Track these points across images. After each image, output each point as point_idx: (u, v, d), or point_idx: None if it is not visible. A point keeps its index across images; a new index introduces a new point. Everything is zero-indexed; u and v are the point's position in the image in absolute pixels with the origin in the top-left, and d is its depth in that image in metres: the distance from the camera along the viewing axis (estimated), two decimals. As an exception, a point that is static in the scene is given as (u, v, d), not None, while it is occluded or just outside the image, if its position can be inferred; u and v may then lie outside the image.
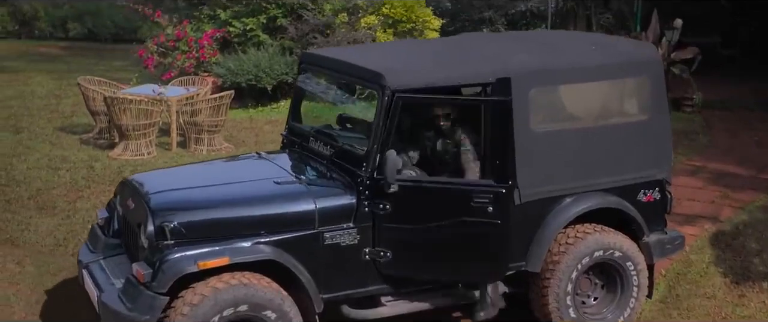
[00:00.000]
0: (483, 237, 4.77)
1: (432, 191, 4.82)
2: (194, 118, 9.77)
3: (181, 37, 12.51)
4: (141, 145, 9.49)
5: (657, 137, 5.33)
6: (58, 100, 12.82)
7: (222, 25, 12.67)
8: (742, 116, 12.04)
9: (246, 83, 11.78)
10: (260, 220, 4.64)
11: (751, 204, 8.11)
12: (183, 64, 12.33)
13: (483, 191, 4.73)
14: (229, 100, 9.96)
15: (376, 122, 4.71)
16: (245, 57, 12.01)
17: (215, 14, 12.80)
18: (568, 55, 5.20)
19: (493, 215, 4.71)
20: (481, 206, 4.70)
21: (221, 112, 9.88)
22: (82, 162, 9.16)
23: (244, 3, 12.53)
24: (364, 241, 4.78)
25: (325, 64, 5.45)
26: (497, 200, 4.72)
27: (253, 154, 5.64)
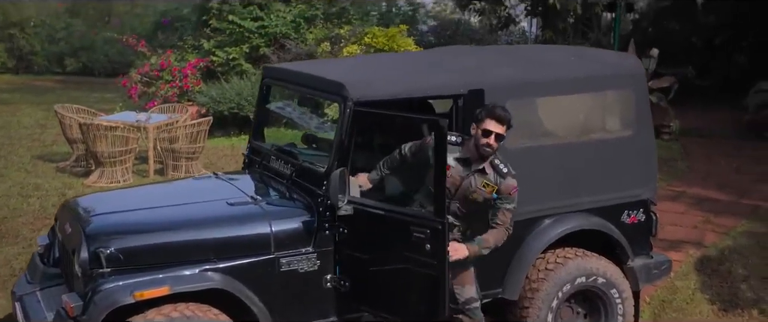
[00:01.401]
0: (422, 278, 3.87)
1: (375, 216, 4.00)
2: (172, 145, 9.12)
3: (165, 66, 11.90)
4: (117, 172, 8.82)
5: (641, 155, 4.69)
6: (42, 129, 12.16)
7: (205, 55, 12.09)
8: (719, 144, 11.49)
9: (228, 111, 11.19)
10: (209, 244, 3.95)
11: (734, 229, 7.51)
12: (166, 93, 11.71)
13: (421, 223, 3.83)
14: (208, 127, 9.31)
15: (337, 136, 4.06)
16: (228, 86, 11.43)
17: (199, 44, 12.21)
18: (546, 66, 4.58)
19: (429, 253, 3.79)
20: (419, 240, 3.81)
21: (199, 139, 9.23)
22: (55, 190, 8.46)
23: (228, 33, 11.94)
24: (325, 267, 4.09)
25: (288, 77, 4.80)
26: (435, 236, 3.77)
27: (210, 175, 4.95)
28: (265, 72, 5.05)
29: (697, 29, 16.79)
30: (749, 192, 8.85)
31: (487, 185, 4.01)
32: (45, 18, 21.15)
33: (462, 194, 4.01)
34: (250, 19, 11.82)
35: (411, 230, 3.80)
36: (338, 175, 3.87)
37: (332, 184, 3.88)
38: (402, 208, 4.01)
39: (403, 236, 3.83)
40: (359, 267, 4.04)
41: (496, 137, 3.92)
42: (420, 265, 3.79)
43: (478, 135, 3.94)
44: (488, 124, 3.91)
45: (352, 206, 3.95)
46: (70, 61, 20.42)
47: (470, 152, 4.01)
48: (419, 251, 3.79)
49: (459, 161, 4.01)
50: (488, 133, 3.91)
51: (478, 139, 3.95)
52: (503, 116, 3.90)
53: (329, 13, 12.15)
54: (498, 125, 3.90)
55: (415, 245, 3.80)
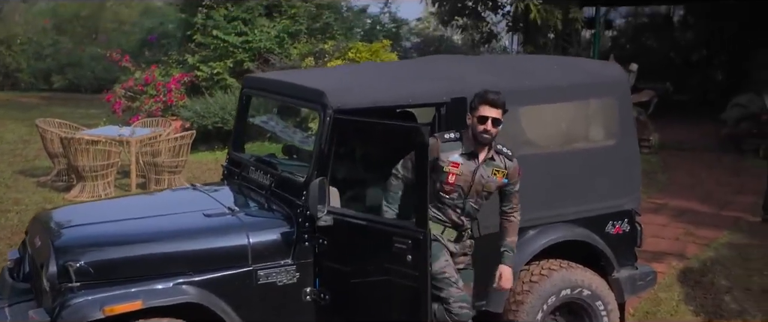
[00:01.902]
0: (403, 290, 3.67)
1: (356, 227, 3.80)
2: (155, 158, 8.88)
3: (149, 81, 11.67)
4: (99, 186, 8.58)
5: (625, 164, 4.54)
6: (25, 145, 11.89)
7: (190, 70, 11.88)
8: (697, 156, 11.41)
9: (212, 126, 10.99)
10: (184, 257, 3.74)
11: (715, 241, 7.38)
12: (151, 107, 11.48)
13: (402, 234, 3.63)
14: (191, 141, 9.09)
15: (317, 145, 3.87)
16: (212, 100, 11.23)
17: (183, 59, 12.01)
18: (529, 75, 4.42)
19: (411, 264, 3.59)
20: (401, 251, 3.61)
21: (182, 153, 9.01)
22: (34, 204, 8.19)
23: (212, 48, 11.75)
24: (304, 279, 3.88)
25: (268, 86, 4.62)
26: (416, 247, 3.57)
27: (188, 187, 4.75)
28: (245, 82, 4.86)
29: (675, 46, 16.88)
30: (730, 204, 8.76)
31: (497, 171, 3.88)
32: (32, 35, 20.87)
33: (476, 188, 3.87)
34: (235, 34, 11.65)
35: (392, 240, 3.61)
36: (318, 184, 3.69)
37: (312, 194, 3.69)
38: (382, 218, 3.82)
39: (384, 247, 3.64)
40: (339, 280, 3.84)
41: (492, 122, 3.77)
42: (401, 276, 3.60)
43: (475, 123, 3.80)
44: (483, 110, 3.76)
45: (331, 217, 3.76)
46: (57, 78, 20.14)
47: (472, 144, 3.85)
48: (400, 262, 3.60)
49: (464, 155, 3.85)
50: (484, 119, 3.76)
51: (475, 128, 3.80)
52: (496, 100, 3.76)
53: (313, 28, 12.00)
54: (492, 109, 3.75)
55: (397, 257, 3.61)
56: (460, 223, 3.91)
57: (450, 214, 3.89)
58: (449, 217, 3.89)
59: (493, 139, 3.83)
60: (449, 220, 3.90)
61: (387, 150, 3.98)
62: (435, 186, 3.84)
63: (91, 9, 22.24)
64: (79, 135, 8.82)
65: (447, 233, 3.91)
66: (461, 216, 3.90)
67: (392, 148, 3.95)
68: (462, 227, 3.93)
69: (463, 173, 3.83)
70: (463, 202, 3.86)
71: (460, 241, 3.96)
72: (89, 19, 22.27)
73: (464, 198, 3.86)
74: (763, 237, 7.46)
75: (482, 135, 3.79)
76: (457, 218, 3.90)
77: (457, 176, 3.82)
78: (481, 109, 3.77)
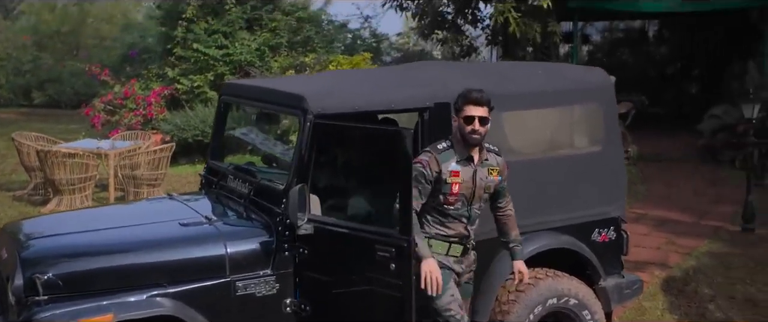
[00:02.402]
0: (386, 300, 3.47)
1: (337, 235, 3.61)
2: (134, 171, 8.64)
3: (129, 95, 11.43)
4: (76, 200, 8.31)
5: (610, 171, 4.40)
6: (1, 159, 11.60)
7: (170, 83, 11.65)
8: (675, 167, 11.35)
9: (193, 139, 10.76)
10: (158, 268, 3.53)
11: (696, 250, 7.28)
12: (130, 121, 11.23)
13: (386, 241, 3.43)
14: (170, 153, 8.86)
15: (297, 151, 3.69)
16: (192, 113, 11.00)
17: (163, 73, 11.78)
18: (513, 80, 4.27)
19: (395, 273, 3.40)
20: (384, 260, 3.42)
21: (161, 166, 8.77)
22: (9, 219, 7.84)
23: (192, 61, 11.54)
24: (284, 291, 3.69)
25: (246, 93, 4.44)
26: (400, 255, 3.38)
27: (164, 196, 4.54)
28: (223, 89, 4.67)
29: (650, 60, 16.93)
30: (709, 213, 8.68)
31: (492, 170, 3.72)
32: (12, 51, 20.51)
33: (478, 193, 3.69)
34: (215, 47, 11.45)
35: (375, 249, 3.43)
36: (297, 191, 3.50)
37: (291, 201, 3.51)
38: (365, 226, 3.64)
39: (367, 255, 3.46)
40: (321, 290, 3.65)
41: (480, 121, 3.57)
42: (384, 286, 3.42)
43: (462, 125, 3.59)
44: (468, 110, 3.57)
45: (312, 225, 3.58)
46: (37, 95, 19.80)
47: (464, 149, 3.64)
48: (384, 271, 3.42)
49: (461, 162, 3.64)
50: (471, 119, 3.56)
51: (463, 130, 3.59)
52: (481, 97, 3.57)
53: (294, 41, 11.84)
54: (478, 108, 3.56)
55: (380, 265, 3.42)
56: (467, 233, 3.72)
57: (456, 226, 3.69)
58: (456, 230, 3.69)
59: (483, 138, 3.64)
60: (455, 233, 3.70)
61: (369, 156, 3.81)
62: (437, 200, 3.63)
63: (72, 25, 21.96)
64: (56, 148, 8.56)
65: (453, 250, 3.71)
66: (468, 225, 3.71)
67: (374, 153, 3.77)
68: (468, 238, 3.73)
69: (464, 179, 3.64)
70: (468, 209, 3.69)
71: (466, 255, 3.76)
72: (70, 36, 21.98)
73: (469, 205, 3.69)
74: (743, 246, 7.38)
75: (471, 136, 3.59)
76: (464, 229, 3.70)
77: (460, 184, 3.62)
78: (466, 109, 3.58)
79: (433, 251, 3.61)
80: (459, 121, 3.62)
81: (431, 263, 3.47)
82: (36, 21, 22.00)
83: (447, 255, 3.69)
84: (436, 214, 3.66)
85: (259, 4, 11.80)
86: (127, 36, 18.43)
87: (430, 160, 3.59)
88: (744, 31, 13.61)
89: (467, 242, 3.74)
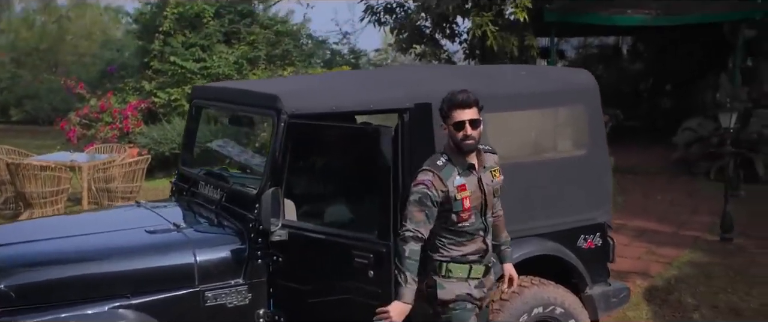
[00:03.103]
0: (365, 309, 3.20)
1: (313, 241, 3.36)
2: (108, 184, 8.31)
3: (105, 108, 11.08)
4: (48, 213, 7.93)
5: (596, 175, 4.19)
6: (-27, 174, 11.09)
7: (147, 96, 11.32)
8: (652, 179, 11.22)
9: (170, 152, 10.42)
10: (122, 278, 3.25)
11: (677, 260, 7.10)
12: (106, 135, 10.87)
13: (364, 247, 3.21)
14: (145, 166, 8.55)
15: (271, 153, 3.43)
16: (170, 126, 10.67)
17: (140, 86, 11.45)
18: (496, 81, 4.05)
19: (373, 280, 3.18)
20: (362, 267, 3.19)
21: (136, 178, 8.45)
22: (-23, 232, 7.51)
23: (170, 74, 11.23)
24: (257, 301, 3.42)
25: (218, 95, 4.18)
26: (379, 262, 3.19)
27: (131, 204, 4.25)
28: (194, 92, 4.42)
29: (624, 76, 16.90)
30: (687, 223, 8.52)
31: (495, 171, 3.38)
32: (-12, 68, 20.08)
33: (490, 200, 3.33)
34: (193, 60, 11.16)
35: (353, 255, 3.17)
36: (271, 195, 3.24)
37: (264, 205, 3.24)
38: (342, 231, 3.37)
39: (344, 262, 3.20)
40: (296, 300, 3.38)
41: (471, 124, 3.16)
42: (363, 294, 3.15)
43: (452, 133, 3.19)
44: (456, 115, 3.17)
45: (286, 231, 3.31)
46: (15, 111, 19.31)
47: (463, 158, 3.24)
48: (362, 278, 3.15)
49: (463, 174, 3.23)
50: (461, 124, 3.16)
51: (455, 138, 3.19)
52: (467, 99, 3.17)
53: (272, 55, 11.58)
54: (466, 111, 3.16)
55: (358, 272, 3.16)
56: (486, 247, 3.34)
57: (475, 242, 3.30)
58: (475, 246, 3.30)
59: (478, 142, 3.24)
60: (475, 250, 3.30)
61: (347, 157, 3.55)
62: (450, 220, 3.23)
63: (51, 42, 21.53)
64: (28, 161, 8.20)
65: (474, 272, 3.29)
66: (486, 238, 3.34)
67: (352, 154, 3.52)
68: (487, 252, 3.35)
69: (473, 191, 3.25)
70: (483, 221, 3.31)
71: (488, 275, 3.38)
72: (48, 53, 21.54)
73: (483, 216, 3.31)
74: (723, 255, 7.21)
75: (465, 143, 3.18)
76: (483, 242, 3.33)
77: (470, 197, 3.23)
78: (454, 114, 3.18)
79: (452, 276, 3.22)
80: (448, 129, 3.22)
81: (397, 307, 3.01)
82: (14, 38, 21.54)
83: (468, 280, 3.28)
84: (451, 235, 3.26)
85: (238, 17, 11.55)
86: (107, 52, 18.06)
87: (434, 179, 3.16)
88: (715, 45, 13.61)
89: (488, 259, 3.37)
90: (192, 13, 11.21)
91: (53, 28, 22.02)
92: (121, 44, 17.18)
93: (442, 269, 3.24)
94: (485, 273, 3.36)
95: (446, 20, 11.90)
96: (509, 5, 11.07)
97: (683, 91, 14.70)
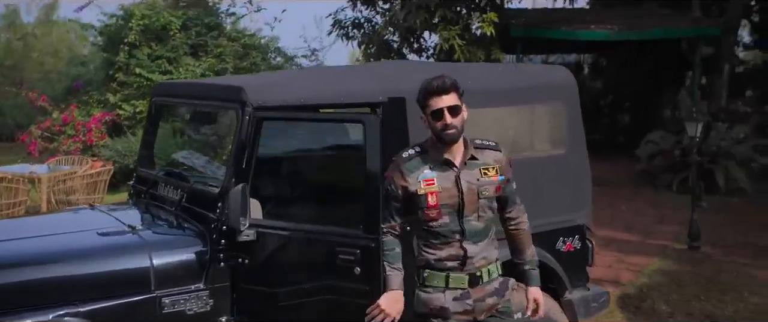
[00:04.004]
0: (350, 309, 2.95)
1: (287, 240, 3.06)
2: (68, 197, 7.84)
3: (68, 121, 10.59)
4: (4, 226, 7.45)
5: (575, 175, 3.96)
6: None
7: (111, 109, 10.85)
8: (616, 191, 11.09)
9: (134, 164, 9.92)
10: (69, 283, 2.89)
11: (647, 268, 6.90)
12: (69, 148, 10.37)
13: (348, 243, 2.93)
14: (108, 177, 8.11)
15: (235, 148, 3.11)
16: (135, 139, 10.22)
17: (104, 98, 10.99)
18: (471, 76, 3.76)
19: (361, 278, 2.90)
20: (346, 264, 2.90)
21: (98, 190, 8.01)
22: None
23: (135, 86, 10.79)
24: (219, 307, 3.09)
25: (179, 91, 3.86)
26: (366, 257, 2.92)
27: (84, 207, 3.89)
28: (154, 90, 4.08)
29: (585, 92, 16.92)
30: (653, 233, 8.37)
31: (487, 169, 2.90)
32: (-49, 85, 19.32)
33: (470, 200, 2.86)
34: (159, 72, 10.74)
35: (336, 252, 2.85)
36: (239, 192, 2.91)
37: (232, 203, 2.91)
38: (323, 227, 3.05)
39: (325, 261, 2.89)
40: (264, 304, 3.05)
41: (450, 111, 2.79)
42: (349, 293, 2.83)
43: (432, 123, 2.83)
44: (433, 103, 2.81)
45: (254, 231, 2.99)
46: (-22, 128, 18.61)
47: (440, 151, 2.88)
48: (347, 277, 2.84)
49: (437, 167, 2.85)
50: (439, 113, 2.79)
51: (434, 128, 2.83)
52: (443, 84, 2.81)
53: (240, 68, 11.22)
54: (443, 97, 2.80)
55: (342, 271, 2.85)
56: (464, 253, 2.87)
57: (450, 246, 2.87)
58: (449, 251, 2.87)
59: (461, 131, 2.85)
60: (450, 255, 2.87)
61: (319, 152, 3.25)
62: (418, 218, 2.87)
63: (16, 59, 20.85)
64: (-17, 172, 7.73)
65: (454, 281, 2.87)
66: (464, 243, 2.86)
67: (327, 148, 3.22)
68: (470, 259, 2.88)
69: (444, 186, 2.83)
70: (460, 223, 2.86)
71: (478, 284, 2.90)
72: (13, 70, 20.84)
73: (460, 218, 2.86)
74: (692, 263, 7.05)
75: (446, 132, 2.80)
76: (460, 247, 2.86)
77: (438, 193, 2.82)
78: (431, 102, 2.82)
79: (429, 285, 2.86)
80: (427, 119, 2.86)
81: (385, 298, 2.74)
82: (-23, 55, 20.84)
83: (446, 290, 2.87)
84: (425, 235, 2.88)
85: (205, 30, 11.18)
86: (73, 68, 17.49)
87: (394, 173, 2.86)
88: (672, 62, 13.67)
89: (473, 266, 2.89)
90: (158, 25, 10.82)
91: (19, 45, 21.34)
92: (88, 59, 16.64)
93: (420, 278, 2.90)
94: (472, 283, 2.89)
95: (414, 35, 11.74)
96: (476, 20, 10.96)
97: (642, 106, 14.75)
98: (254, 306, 3.04)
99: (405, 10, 10.74)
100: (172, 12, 11.05)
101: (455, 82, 2.85)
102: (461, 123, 2.85)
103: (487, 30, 10.35)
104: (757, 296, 6.00)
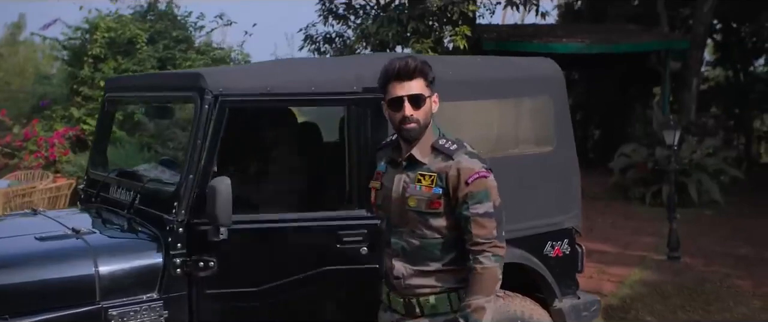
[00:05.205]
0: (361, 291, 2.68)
1: (272, 232, 2.72)
2: (27, 212, 7.34)
3: (30, 136, 10.04)
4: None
5: (563, 175, 3.63)
6: None
7: (75, 124, 10.32)
8: (589, 204, 10.61)
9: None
10: (1, 294, 2.46)
11: (628, 278, 6.66)
12: (31, 164, 9.81)
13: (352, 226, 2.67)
14: (70, 191, 7.64)
15: (192, 140, 2.73)
16: (99, 154, 9.70)
17: (68, 113, 10.46)
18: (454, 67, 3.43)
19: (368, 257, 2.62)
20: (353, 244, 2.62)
21: (59, 205, 7.53)
22: None
23: (100, 101, 10.29)
24: (175, 318, 2.68)
25: (134, 84, 3.50)
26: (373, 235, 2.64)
27: (26, 211, 3.47)
28: (108, 84, 3.75)
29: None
30: (631, 244, 8.15)
31: (422, 177, 2.36)
32: None
33: (401, 210, 2.39)
34: (125, 86, 10.25)
35: (338, 236, 2.66)
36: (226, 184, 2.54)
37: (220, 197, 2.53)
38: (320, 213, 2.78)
39: (324, 249, 2.68)
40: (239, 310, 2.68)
41: (411, 102, 2.30)
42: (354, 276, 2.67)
43: (390, 114, 2.39)
44: (392, 89, 2.34)
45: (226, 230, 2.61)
46: (-60, 146, 17.79)
47: (396, 147, 2.49)
48: (353, 259, 2.66)
49: (391, 163, 2.47)
50: (398, 102, 2.33)
51: (392, 120, 2.39)
52: (406, 66, 2.32)
53: (209, 82, 10.79)
54: (405, 83, 2.32)
55: (346, 254, 2.67)
56: (391, 272, 2.40)
57: (387, 258, 2.45)
58: (386, 263, 2.45)
59: (423, 127, 2.37)
60: (386, 268, 2.44)
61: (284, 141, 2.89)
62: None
63: (-20, 78, 20.10)
64: (-66, 186, 7.21)
65: (393, 302, 2.44)
66: (395, 259, 2.40)
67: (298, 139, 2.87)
68: (399, 280, 2.39)
69: (385, 185, 2.44)
70: (389, 233, 2.44)
71: (413, 314, 2.39)
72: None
73: (390, 228, 2.44)
74: (673, 274, 6.81)
75: (404, 127, 2.34)
76: (390, 262, 2.41)
77: (377, 190, 2.46)
78: (390, 89, 2.36)
79: (381, 300, 2.52)
80: (386, 109, 2.42)
81: None
82: (-60, 74, 20.02)
83: (388, 310, 2.48)
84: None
85: (173, 43, 10.74)
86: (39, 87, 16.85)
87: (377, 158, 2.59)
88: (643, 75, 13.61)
89: (406, 291, 2.38)
90: (124, 39, 10.36)
91: (-17, 64, 20.60)
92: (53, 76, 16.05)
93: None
94: (408, 311, 2.39)
95: (386, 48, 11.47)
96: (448, 33, 10.73)
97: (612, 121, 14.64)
98: (225, 313, 2.66)
99: (377, 23, 10.47)
100: (139, 25, 10.61)
101: (423, 67, 2.37)
102: (425, 117, 2.38)
103: (460, 43, 10.12)
104: (742, 306, 5.77)
